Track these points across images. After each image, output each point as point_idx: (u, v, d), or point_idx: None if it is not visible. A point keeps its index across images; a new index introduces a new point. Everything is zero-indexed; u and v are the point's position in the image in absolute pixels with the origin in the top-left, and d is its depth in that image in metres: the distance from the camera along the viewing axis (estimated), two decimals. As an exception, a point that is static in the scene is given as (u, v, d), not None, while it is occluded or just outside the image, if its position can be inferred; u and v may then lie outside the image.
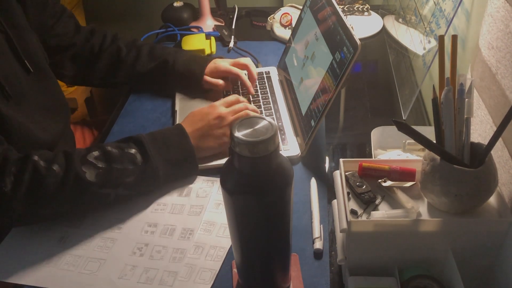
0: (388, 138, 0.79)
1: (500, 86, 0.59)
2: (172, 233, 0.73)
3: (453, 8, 0.78)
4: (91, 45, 1.02)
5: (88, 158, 0.72)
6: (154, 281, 0.66)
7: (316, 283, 0.65)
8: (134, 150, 0.75)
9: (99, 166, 0.71)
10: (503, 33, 0.59)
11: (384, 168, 0.61)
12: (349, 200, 0.60)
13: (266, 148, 0.46)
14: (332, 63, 0.80)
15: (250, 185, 0.48)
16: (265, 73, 1.09)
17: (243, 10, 1.42)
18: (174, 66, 1.01)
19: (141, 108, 1.02)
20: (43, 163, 0.69)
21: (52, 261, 0.70)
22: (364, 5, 1.33)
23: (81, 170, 0.70)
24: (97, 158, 0.72)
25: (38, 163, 0.69)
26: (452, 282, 0.54)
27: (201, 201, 0.78)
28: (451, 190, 0.53)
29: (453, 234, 0.55)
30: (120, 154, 0.74)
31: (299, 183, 0.80)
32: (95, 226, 0.75)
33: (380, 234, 0.55)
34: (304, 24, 0.98)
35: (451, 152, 0.54)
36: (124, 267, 0.69)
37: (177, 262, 0.69)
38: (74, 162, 0.70)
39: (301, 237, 0.71)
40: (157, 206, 0.78)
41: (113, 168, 0.72)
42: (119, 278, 0.67)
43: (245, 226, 0.53)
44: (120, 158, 0.73)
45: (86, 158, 0.72)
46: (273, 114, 0.95)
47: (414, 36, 0.99)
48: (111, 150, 0.74)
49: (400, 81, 1.01)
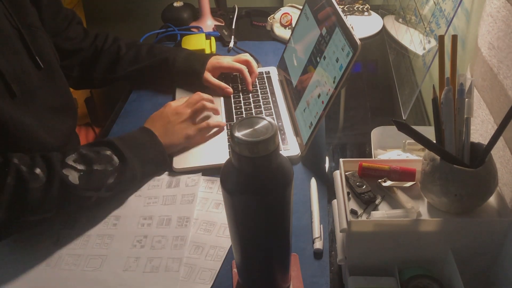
0: (388, 138, 0.79)
1: (502, 86, 0.59)
2: (169, 223, 0.74)
3: (453, 8, 0.78)
4: (94, 47, 1.03)
5: (67, 161, 0.71)
6: (159, 268, 0.67)
7: (316, 283, 0.65)
8: (109, 152, 0.75)
9: (79, 168, 0.71)
10: (505, 33, 0.59)
11: (384, 168, 0.61)
12: (349, 200, 0.60)
13: (266, 148, 0.46)
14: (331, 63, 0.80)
15: (250, 185, 0.48)
16: (265, 73, 1.09)
17: (243, 10, 1.42)
18: (175, 63, 1.01)
19: (141, 108, 1.02)
20: (25, 168, 0.67)
21: (51, 263, 0.69)
22: (364, 5, 1.33)
23: (63, 173, 0.69)
24: (76, 161, 0.71)
25: (20, 168, 0.66)
26: (452, 282, 0.54)
27: (192, 190, 0.79)
28: (451, 190, 0.53)
29: (453, 234, 0.55)
30: (97, 156, 0.73)
31: (299, 183, 0.80)
32: (89, 225, 0.75)
33: (380, 234, 0.55)
34: (304, 24, 0.98)
35: (451, 152, 0.54)
36: (127, 260, 0.69)
37: (179, 248, 0.70)
38: (55, 165, 0.69)
39: (301, 237, 0.71)
40: (149, 200, 0.79)
41: (94, 170, 0.72)
42: (124, 270, 0.67)
43: (245, 226, 0.53)
44: (98, 160, 0.73)
45: (65, 161, 0.71)
46: (273, 114, 0.95)
47: (414, 36, 0.99)
48: (86, 153, 0.73)
49: (400, 81, 1.01)
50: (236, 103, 1.00)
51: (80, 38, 1.02)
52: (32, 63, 0.79)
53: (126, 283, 0.66)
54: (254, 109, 0.98)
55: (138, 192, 0.80)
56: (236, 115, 0.96)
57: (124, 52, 1.04)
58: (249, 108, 0.98)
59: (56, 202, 0.69)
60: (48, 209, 0.69)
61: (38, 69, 0.80)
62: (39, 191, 0.66)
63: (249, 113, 0.97)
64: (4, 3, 0.76)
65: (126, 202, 0.78)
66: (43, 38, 0.83)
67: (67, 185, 0.69)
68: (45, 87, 0.82)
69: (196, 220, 0.75)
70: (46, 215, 0.69)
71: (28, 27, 0.80)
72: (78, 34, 1.02)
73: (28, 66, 0.78)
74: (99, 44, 1.04)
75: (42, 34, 0.83)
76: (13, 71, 0.74)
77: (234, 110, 0.98)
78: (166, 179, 0.82)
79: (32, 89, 0.78)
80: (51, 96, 0.83)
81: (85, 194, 0.71)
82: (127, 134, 0.81)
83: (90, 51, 1.03)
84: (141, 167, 0.78)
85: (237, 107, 0.99)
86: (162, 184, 0.81)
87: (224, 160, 0.52)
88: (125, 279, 0.66)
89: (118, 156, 0.75)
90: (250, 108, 0.98)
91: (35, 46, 0.80)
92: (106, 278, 0.67)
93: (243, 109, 0.98)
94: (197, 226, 0.74)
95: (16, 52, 0.76)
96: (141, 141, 0.80)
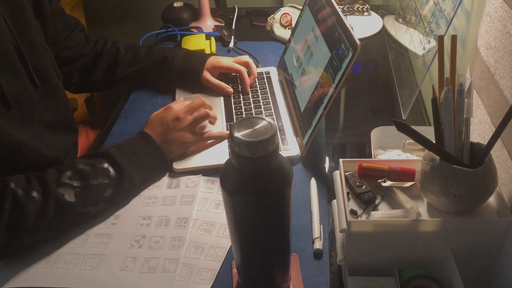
0: (388, 138, 0.79)
1: (499, 86, 0.59)
2: (167, 223, 0.74)
3: (453, 8, 0.78)
4: (94, 51, 1.04)
5: (62, 179, 0.71)
6: (156, 269, 0.67)
7: (316, 283, 0.65)
8: (106, 164, 0.75)
9: (74, 185, 0.71)
10: (502, 33, 0.59)
11: (383, 168, 0.61)
12: (349, 200, 0.60)
13: (265, 148, 0.46)
14: (331, 63, 0.80)
15: (250, 185, 0.48)
16: (265, 73, 1.09)
17: (243, 10, 1.42)
18: (173, 61, 1.02)
19: (141, 108, 1.02)
20: (21, 191, 0.67)
21: (50, 262, 0.70)
22: (364, 5, 1.33)
23: (58, 192, 0.69)
24: (71, 178, 0.71)
25: (16, 192, 0.67)
26: (452, 282, 0.54)
27: (191, 191, 0.79)
28: (451, 190, 0.53)
29: (452, 234, 0.55)
30: (93, 170, 0.73)
31: (299, 183, 0.80)
32: (88, 224, 0.75)
33: (380, 234, 0.55)
34: (304, 24, 0.98)
35: (451, 152, 0.54)
36: (125, 260, 0.69)
37: (177, 249, 0.70)
38: (50, 185, 0.69)
39: (301, 237, 0.71)
40: (148, 200, 0.79)
41: (90, 185, 0.72)
42: (121, 270, 0.68)
43: (245, 226, 0.53)
44: (94, 174, 0.73)
45: (61, 180, 0.71)
46: (273, 114, 0.95)
47: (414, 36, 0.99)
48: (82, 168, 0.73)
49: (400, 81, 1.01)
50: (236, 103, 1.00)
51: (81, 46, 1.03)
52: (30, 81, 0.79)
53: (123, 283, 0.66)
54: (254, 109, 0.98)
55: (138, 192, 0.80)
56: (236, 115, 0.96)
57: (122, 54, 1.04)
58: (249, 108, 0.98)
59: (54, 222, 0.69)
60: (46, 230, 0.70)
61: (35, 88, 0.80)
62: (35, 213, 0.67)
63: (249, 113, 0.97)
64: (6, 19, 0.76)
65: (126, 202, 0.79)
66: (43, 54, 0.84)
67: (64, 203, 0.69)
68: (43, 104, 0.82)
69: (196, 220, 0.75)
70: (45, 235, 0.70)
71: (29, 44, 0.80)
72: (79, 42, 1.03)
73: (27, 84, 0.78)
74: (99, 49, 1.04)
75: (43, 51, 0.84)
76: (11, 89, 0.75)
77: (234, 110, 0.98)
78: (166, 180, 0.82)
79: (30, 106, 0.78)
80: (49, 113, 0.83)
81: (82, 210, 0.72)
82: (125, 142, 0.80)
83: (90, 57, 1.03)
84: (140, 175, 0.78)
85: (237, 107, 0.99)
86: (162, 184, 0.82)
87: (224, 160, 0.52)
88: (122, 279, 0.66)
89: (115, 168, 0.75)
90: (250, 108, 0.98)
91: (35, 64, 0.80)
92: (103, 278, 0.67)
93: (243, 109, 0.98)
94: (197, 227, 0.74)
95: (15, 70, 0.76)
96: (139, 149, 0.79)
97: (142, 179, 0.79)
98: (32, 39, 0.81)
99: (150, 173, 0.81)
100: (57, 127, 0.85)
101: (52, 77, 0.85)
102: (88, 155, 0.77)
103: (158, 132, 0.83)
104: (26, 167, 0.73)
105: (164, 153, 0.81)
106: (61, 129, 0.87)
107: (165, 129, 0.83)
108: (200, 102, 0.87)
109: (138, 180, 0.78)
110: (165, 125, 0.83)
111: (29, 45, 0.80)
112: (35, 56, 0.81)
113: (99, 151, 0.77)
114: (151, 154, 0.80)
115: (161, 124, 0.84)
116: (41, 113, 0.81)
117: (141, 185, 0.80)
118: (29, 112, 0.78)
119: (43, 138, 0.81)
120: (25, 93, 0.78)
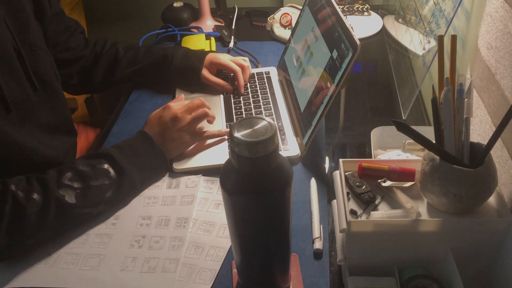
0: (388, 138, 0.79)
1: (499, 86, 0.59)
2: (167, 223, 0.74)
3: (453, 8, 0.78)
4: (94, 53, 1.04)
5: (63, 181, 0.71)
6: (156, 269, 0.67)
7: (316, 283, 0.65)
8: (106, 165, 0.75)
9: (75, 186, 0.71)
10: (502, 33, 0.59)
11: (383, 168, 0.61)
12: (349, 200, 0.60)
13: (265, 148, 0.46)
14: (331, 63, 0.80)
15: (250, 185, 0.48)
16: (265, 73, 1.09)
17: (243, 10, 1.42)
18: (173, 59, 1.02)
19: (141, 108, 1.02)
20: (22, 194, 0.67)
21: (50, 262, 0.70)
22: (364, 5, 1.33)
23: (59, 194, 0.69)
24: (72, 179, 0.71)
25: (16, 194, 0.67)
26: (452, 282, 0.54)
27: (191, 191, 0.79)
28: (451, 190, 0.53)
29: (452, 234, 0.55)
30: (93, 171, 0.73)
31: (299, 183, 0.80)
32: (88, 225, 0.75)
33: (380, 234, 0.55)
34: (304, 24, 0.98)
35: (451, 152, 0.54)
36: (125, 260, 0.69)
37: (177, 249, 0.70)
38: (51, 187, 0.69)
39: (301, 237, 0.71)
40: (148, 200, 0.79)
41: (91, 186, 0.72)
42: (121, 270, 0.68)
43: (245, 226, 0.53)
44: (95, 175, 0.73)
45: (61, 181, 0.71)
46: (273, 114, 0.95)
47: (414, 36, 0.99)
48: (82, 169, 0.73)
49: (400, 81, 1.01)
50: (236, 103, 1.00)
51: (81, 47, 1.03)
52: (30, 84, 0.79)
53: (123, 283, 0.66)
54: (254, 109, 0.98)
55: (138, 192, 0.80)
56: (236, 115, 0.96)
57: (122, 54, 1.04)
58: (249, 108, 0.98)
59: (54, 223, 0.69)
60: (47, 231, 0.69)
61: (34, 90, 0.80)
62: (36, 215, 0.67)
63: (248, 113, 0.97)
64: (7, 22, 0.76)
65: (126, 202, 0.79)
66: (43, 57, 0.83)
67: (64, 205, 0.69)
68: (42, 107, 0.81)
69: (196, 220, 0.75)
70: (46, 236, 0.70)
71: (29, 46, 0.80)
72: (79, 44, 1.03)
73: (26, 87, 0.78)
74: (98, 50, 1.04)
75: (42, 53, 0.83)
76: (11, 92, 0.74)
77: (234, 110, 0.98)
78: (166, 180, 0.82)
79: (29, 108, 0.78)
80: (49, 116, 0.83)
81: (83, 212, 0.72)
82: (125, 142, 0.80)
83: (90, 58, 1.04)
84: (140, 175, 0.78)
85: (237, 107, 0.99)
86: (162, 184, 0.81)
87: (224, 160, 0.52)
88: (122, 279, 0.66)
89: (115, 169, 0.75)
90: (250, 108, 0.98)
91: (34, 67, 0.80)
92: (103, 278, 0.67)
93: (243, 109, 0.98)
94: (197, 227, 0.74)
95: (15, 73, 0.76)
96: (139, 148, 0.79)
97: (142, 179, 0.79)
98: (32, 42, 0.81)
99: (150, 173, 0.81)
100: (56, 130, 0.85)
101: (52, 80, 0.85)
102: (88, 155, 0.77)
103: (156, 132, 0.83)
104: (26, 168, 0.73)
105: (164, 153, 0.81)
106: (60, 131, 0.87)
107: (164, 129, 0.83)
108: (199, 103, 0.87)
109: (138, 180, 0.78)
110: (163, 124, 0.83)
111: (29, 48, 0.80)
112: (35, 58, 0.81)
113: (99, 151, 0.77)
114: (151, 154, 0.80)
115: (160, 124, 0.83)
116: (40, 115, 0.81)
117: (141, 185, 0.80)
118: (28, 115, 0.78)
119: (43, 140, 0.81)
120: (24, 96, 0.78)
